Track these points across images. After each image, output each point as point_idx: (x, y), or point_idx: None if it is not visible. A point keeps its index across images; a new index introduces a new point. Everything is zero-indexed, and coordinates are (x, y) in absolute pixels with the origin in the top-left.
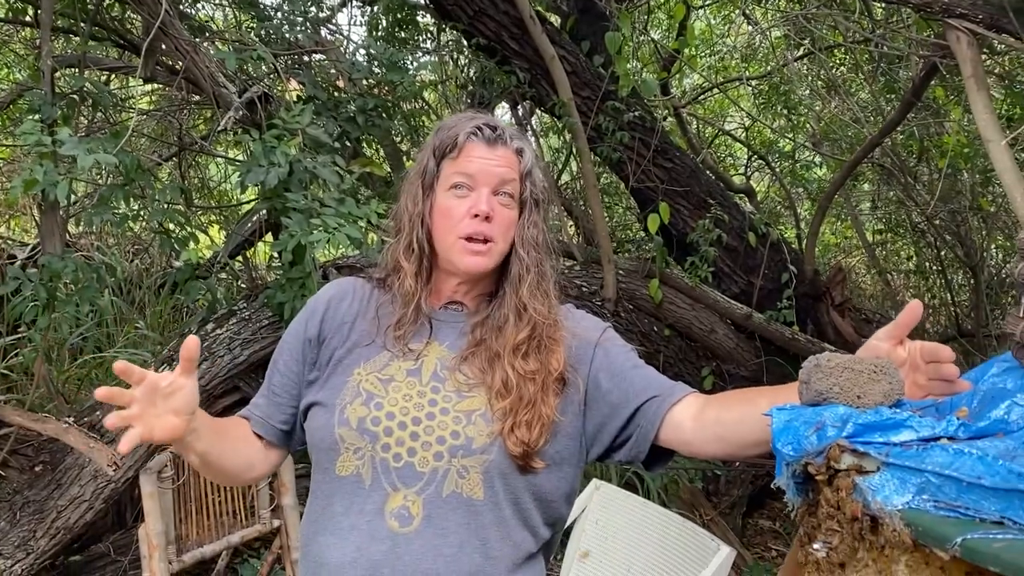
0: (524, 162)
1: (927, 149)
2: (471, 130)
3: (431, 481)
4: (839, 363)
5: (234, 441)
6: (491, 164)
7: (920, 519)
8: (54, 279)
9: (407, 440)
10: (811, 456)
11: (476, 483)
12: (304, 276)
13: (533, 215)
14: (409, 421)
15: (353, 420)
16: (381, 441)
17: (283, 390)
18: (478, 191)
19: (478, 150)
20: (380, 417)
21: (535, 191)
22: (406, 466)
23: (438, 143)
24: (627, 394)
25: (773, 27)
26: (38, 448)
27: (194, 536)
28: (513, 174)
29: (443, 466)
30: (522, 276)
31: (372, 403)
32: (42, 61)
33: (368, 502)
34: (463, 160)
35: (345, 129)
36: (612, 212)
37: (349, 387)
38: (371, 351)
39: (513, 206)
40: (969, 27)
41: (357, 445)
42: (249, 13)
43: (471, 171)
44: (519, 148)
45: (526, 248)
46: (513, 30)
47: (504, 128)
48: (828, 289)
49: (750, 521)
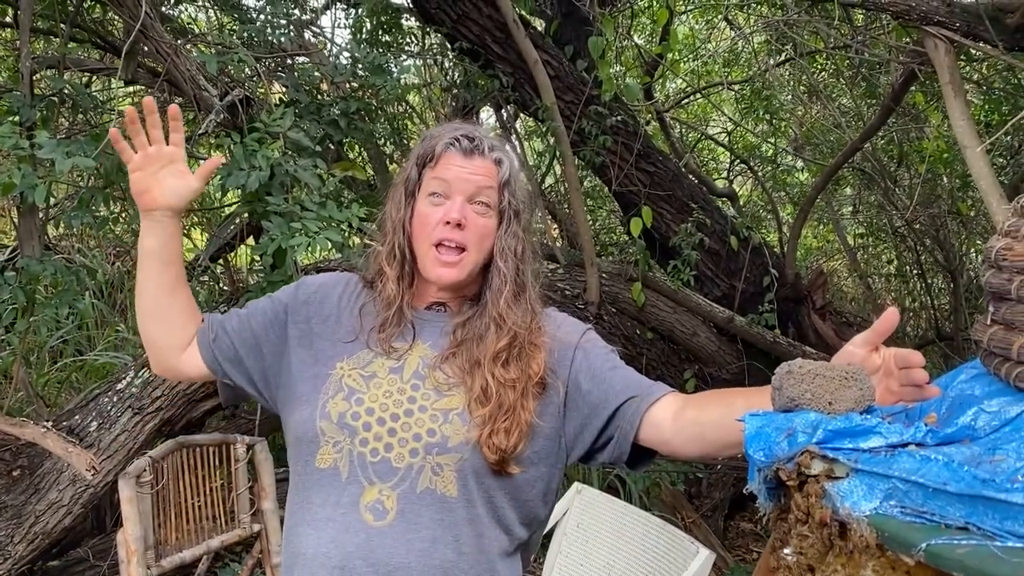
0: (502, 172)
1: (907, 154)
2: (449, 140)
3: (406, 477)
4: (811, 369)
5: (176, 304)
6: (465, 172)
7: (887, 524)
8: (33, 282)
9: (384, 436)
10: (782, 462)
11: (450, 480)
12: (285, 279)
13: (513, 225)
14: (388, 417)
15: (334, 414)
16: (359, 436)
17: (237, 330)
18: (452, 199)
19: (455, 159)
20: (360, 412)
21: (514, 201)
22: (382, 461)
23: (421, 152)
24: (606, 395)
25: (755, 32)
26: (16, 452)
27: (173, 541)
28: (490, 183)
29: (418, 462)
30: (501, 288)
31: (353, 398)
32: (21, 63)
33: (344, 495)
34: (440, 168)
35: (328, 132)
36: (595, 216)
37: (332, 381)
38: (354, 347)
39: (490, 215)
40: (946, 34)
41: (336, 439)
42: (232, 15)
43: (447, 177)
44: (498, 159)
45: (504, 258)
46: (496, 34)
47: (483, 139)
48: (809, 292)
49: (732, 524)
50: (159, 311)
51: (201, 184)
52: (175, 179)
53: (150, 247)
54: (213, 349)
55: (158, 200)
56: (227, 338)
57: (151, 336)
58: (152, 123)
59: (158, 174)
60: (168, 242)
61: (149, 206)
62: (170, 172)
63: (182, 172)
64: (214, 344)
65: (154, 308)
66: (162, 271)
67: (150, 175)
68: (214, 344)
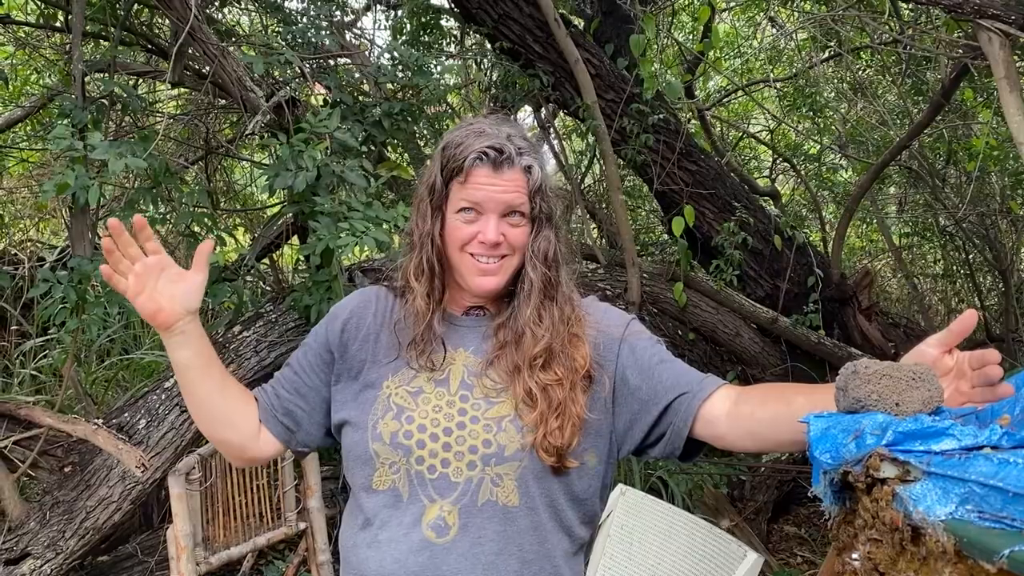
0: (533, 179)
1: (955, 152)
2: (476, 155)
3: (466, 491)
4: (877, 370)
5: (230, 399)
6: (497, 191)
7: (965, 530)
8: (83, 281)
9: (440, 451)
10: (849, 464)
11: (511, 490)
12: (330, 279)
13: (544, 230)
14: (440, 432)
15: (386, 435)
16: (415, 454)
17: (291, 386)
18: (486, 216)
19: (484, 176)
20: (412, 431)
21: (546, 206)
22: (440, 477)
23: (445, 162)
24: (656, 391)
25: (799, 29)
26: (67, 449)
27: (221, 538)
28: (521, 197)
29: (477, 475)
30: (531, 292)
31: (403, 416)
32: (73, 66)
33: (406, 515)
34: (470, 187)
35: (371, 133)
36: (635, 215)
37: (380, 401)
38: (397, 365)
39: (525, 223)
40: (1001, 28)
41: (392, 459)
42: (275, 18)
43: (478, 199)
44: (527, 166)
45: (534, 264)
46: (537, 33)
47: (510, 147)
48: (855, 293)
49: (775, 527)
50: (220, 415)
51: (204, 274)
52: (177, 285)
53: (186, 361)
54: (282, 422)
55: (175, 311)
56: (286, 403)
57: (223, 439)
58: (125, 243)
59: (158, 288)
60: (200, 348)
61: (168, 322)
62: (168, 280)
63: (179, 275)
64: (280, 416)
65: (214, 414)
66: (205, 376)
67: (153, 292)
68: (280, 416)
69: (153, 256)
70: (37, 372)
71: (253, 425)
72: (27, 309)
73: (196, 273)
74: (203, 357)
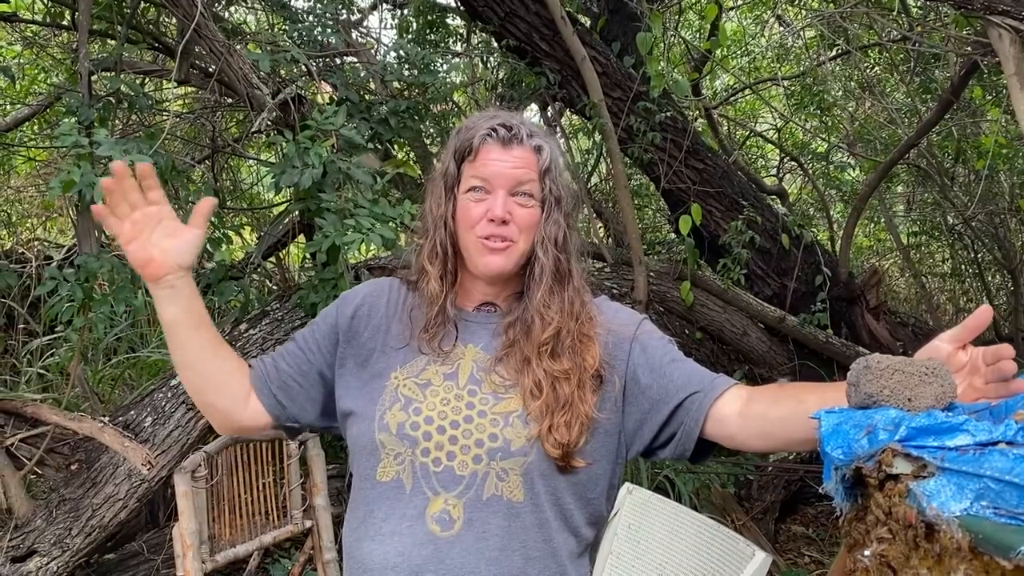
0: (543, 159)
1: (964, 150)
2: (486, 132)
3: (471, 485)
4: (889, 365)
5: (221, 363)
6: (506, 166)
7: (980, 526)
8: (90, 279)
9: (446, 444)
10: (862, 460)
11: (516, 485)
12: (337, 277)
13: (554, 214)
14: (448, 425)
15: (392, 425)
16: (421, 446)
17: (292, 359)
18: (495, 194)
19: (493, 152)
20: (419, 422)
21: (555, 188)
22: (446, 470)
23: (458, 145)
24: (667, 390)
25: (806, 27)
26: (74, 447)
27: (227, 536)
28: (531, 174)
29: (482, 469)
30: (542, 277)
31: (411, 408)
32: (79, 64)
33: (410, 507)
34: (479, 163)
35: (377, 131)
36: (642, 214)
37: (387, 392)
38: (407, 354)
39: (534, 205)
40: (1012, 24)
41: (397, 450)
42: (281, 16)
43: (486, 174)
44: (537, 146)
45: (545, 247)
46: (544, 31)
47: (520, 126)
48: (863, 292)
49: (783, 526)
50: (209, 378)
51: (202, 230)
52: (173, 238)
53: (173, 317)
54: (275, 394)
55: (166, 263)
56: (284, 376)
57: (208, 402)
58: (128, 187)
59: (152, 239)
60: (190, 305)
61: (157, 274)
62: (164, 232)
63: (176, 228)
64: (275, 388)
65: (203, 377)
66: (194, 336)
67: (146, 242)
68: (275, 388)
69: (153, 206)
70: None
71: (243, 393)
72: (34, 308)
73: (192, 229)
74: (192, 316)
